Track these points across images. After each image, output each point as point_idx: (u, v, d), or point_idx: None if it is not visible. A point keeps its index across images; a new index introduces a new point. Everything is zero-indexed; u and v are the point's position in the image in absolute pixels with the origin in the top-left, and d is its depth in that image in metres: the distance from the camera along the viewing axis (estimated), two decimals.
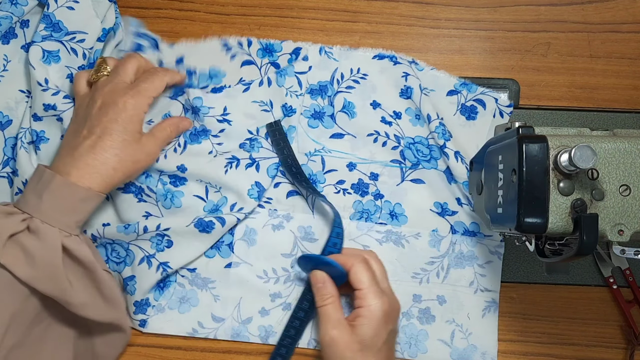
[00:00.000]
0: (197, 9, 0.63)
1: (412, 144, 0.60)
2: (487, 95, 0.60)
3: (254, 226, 0.61)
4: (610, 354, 0.61)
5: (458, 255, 0.60)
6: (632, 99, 0.61)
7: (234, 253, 0.60)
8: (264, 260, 0.60)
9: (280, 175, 0.61)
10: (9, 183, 0.61)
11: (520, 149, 0.43)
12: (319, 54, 0.61)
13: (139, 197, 0.59)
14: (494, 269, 0.60)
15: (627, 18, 0.62)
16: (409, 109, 0.60)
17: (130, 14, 0.63)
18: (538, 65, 0.62)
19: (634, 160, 0.44)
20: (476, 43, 0.62)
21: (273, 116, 0.61)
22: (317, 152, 0.61)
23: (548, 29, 0.62)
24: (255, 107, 0.61)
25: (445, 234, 0.61)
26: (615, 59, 0.62)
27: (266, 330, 0.60)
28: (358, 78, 0.60)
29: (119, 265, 0.60)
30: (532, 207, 0.43)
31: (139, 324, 0.60)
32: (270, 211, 0.61)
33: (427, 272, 0.60)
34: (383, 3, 0.62)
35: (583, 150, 0.40)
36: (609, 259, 0.60)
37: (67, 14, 0.58)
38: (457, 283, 0.60)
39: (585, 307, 0.61)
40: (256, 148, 0.60)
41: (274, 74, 0.61)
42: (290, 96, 0.60)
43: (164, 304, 0.60)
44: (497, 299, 0.60)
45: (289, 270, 0.60)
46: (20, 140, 0.59)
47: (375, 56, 0.61)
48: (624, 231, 0.43)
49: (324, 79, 0.61)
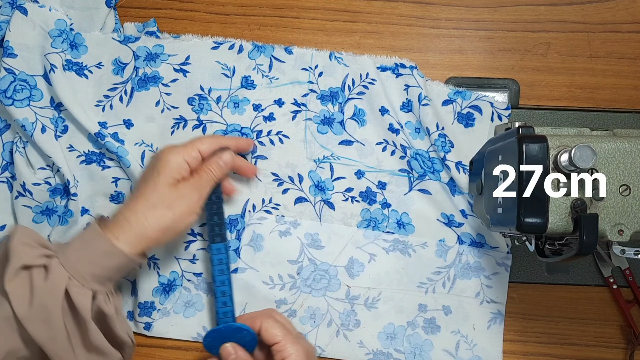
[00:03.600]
0: (197, 9, 0.63)
1: (418, 154, 0.60)
2: (482, 101, 0.59)
3: (261, 232, 0.60)
4: (610, 354, 0.61)
5: (464, 265, 0.60)
6: (632, 99, 0.61)
7: (240, 258, 0.60)
8: (270, 267, 0.60)
9: (288, 182, 0.61)
10: (9, 188, 0.61)
11: (520, 149, 0.43)
12: (329, 60, 0.61)
13: (102, 164, 0.60)
14: (501, 280, 0.60)
15: (627, 18, 0.62)
16: (409, 123, 0.60)
17: (130, 14, 0.63)
18: (538, 65, 0.62)
19: (633, 160, 0.44)
20: (476, 43, 0.62)
21: (231, 82, 0.60)
22: (325, 159, 0.61)
23: (548, 29, 0.62)
24: (217, 67, 0.60)
25: (452, 244, 0.60)
26: (615, 58, 0.62)
27: None
28: (367, 83, 0.60)
29: None
30: (532, 207, 0.43)
31: (143, 327, 0.60)
32: (278, 217, 0.61)
33: (433, 282, 0.60)
34: (383, 3, 0.62)
35: (583, 150, 0.40)
36: (609, 258, 0.60)
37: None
38: (463, 294, 0.60)
39: (585, 307, 0.61)
40: (205, 110, 0.60)
41: (250, 45, 0.61)
42: (257, 72, 0.60)
43: (169, 307, 0.60)
44: (503, 311, 0.60)
45: (295, 277, 0.60)
46: (15, 145, 0.59)
47: (379, 67, 0.60)
48: (623, 231, 0.43)
49: (334, 85, 0.61)
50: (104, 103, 0.60)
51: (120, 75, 0.60)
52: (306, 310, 0.60)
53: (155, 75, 0.60)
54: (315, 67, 0.60)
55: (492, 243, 0.60)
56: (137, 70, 0.60)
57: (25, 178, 0.59)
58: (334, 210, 0.60)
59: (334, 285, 0.60)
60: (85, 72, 0.60)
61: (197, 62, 0.60)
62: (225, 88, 0.60)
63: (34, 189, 0.59)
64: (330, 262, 0.60)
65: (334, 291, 0.60)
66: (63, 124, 0.60)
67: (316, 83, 0.61)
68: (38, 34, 0.58)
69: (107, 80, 0.60)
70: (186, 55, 0.60)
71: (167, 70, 0.60)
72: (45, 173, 0.60)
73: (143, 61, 0.60)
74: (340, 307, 0.60)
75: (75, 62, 0.60)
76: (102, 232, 0.50)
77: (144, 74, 0.60)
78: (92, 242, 0.50)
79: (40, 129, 0.58)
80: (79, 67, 0.60)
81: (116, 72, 0.60)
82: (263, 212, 0.61)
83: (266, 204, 0.61)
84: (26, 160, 0.59)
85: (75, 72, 0.60)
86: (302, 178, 0.61)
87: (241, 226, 0.60)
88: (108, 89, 0.60)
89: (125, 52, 0.60)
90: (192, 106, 0.60)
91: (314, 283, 0.60)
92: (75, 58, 0.60)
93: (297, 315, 0.60)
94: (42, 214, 0.60)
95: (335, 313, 0.60)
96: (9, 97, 0.57)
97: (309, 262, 0.60)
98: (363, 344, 0.60)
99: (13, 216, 0.61)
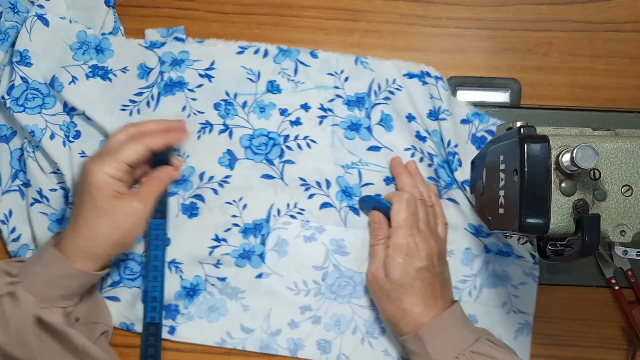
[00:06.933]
0: (196, 7, 0.62)
1: (446, 162, 0.59)
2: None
3: (286, 237, 0.60)
4: (612, 355, 0.60)
5: (491, 274, 0.59)
6: (634, 99, 0.61)
7: (265, 263, 0.60)
8: (295, 272, 0.60)
9: (315, 187, 0.60)
10: (21, 196, 0.60)
11: (522, 149, 0.43)
12: (355, 64, 0.60)
13: None
14: (529, 290, 0.59)
15: (629, 17, 0.61)
16: (435, 131, 0.59)
17: (129, 13, 0.62)
18: (539, 65, 0.62)
19: (636, 160, 0.44)
20: (477, 42, 0.62)
21: (256, 87, 0.60)
22: (354, 165, 0.60)
23: (549, 29, 0.62)
24: (242, 72, 0.60)
25: (479, 253, 0.60)
26: (617, 58, 0.61)
27: (295, 343, 0.59)
28: (394, 89, 0.59)
29: (135, 281, 0.60)
30: (534, 208, 0.43)
31: (168, 331, 0.60)
32: (303, 222, 0.60)
33: (460, 291, 0.60)
34: (384, 2, 0.62)
35: (585, 150, 0.40)
36: (611, 259, 0.60)
37: None
38: (490, 303, 0.59)
39: (586, 308, 0.61)
40: (231, 115, 0.60)
41: (275, 49, 0.60)
42: (283, 77, 0.60)
43: (193, 312, 0.60)
44: (531, 321, 0.59)
45: (320, 283, 0.60)
46: (25, 151, 0.59)
47: (406, 74, 0.59)
48: (626, 232, 0.43)
49: (361, 90, 0.60)
50: (131, 107, 0.60)
51: (145, 80, 0.60)
52: (331, 317, 0.60)
53: (181, 81, 0.60)
54: (341, 72, 0.60)
55: (518, 253, 0.59)
56: (162, 75, 0.59)
57: (42, 184, 0.58)
58: (359, 217, 0.60)
59: (359, 292, 0.60)
60: (110, 75, 0.60)
61: (222, 67, 0.60)
62: (250, 93, 0.60)
63: (50, 195, 0.59)
64: (355, 268, 0.60)
65: (359, 298, 0.60)
66: (75, 129, 0.59)
67: (342, 88, 0.60)
68: (59, 46, 0.59)
69: (132, 84, 0.60)
70: (211, 61, 0.60)
71: (192, 76, 0.60)
72: (58, 177, 0.60)
73: (168, 66, 0.60)
74: (365, 314, 0.60)
75: (101, 67, 0.60)
76: (61, 256, 0.51)
77: (169, 78, 0.59)
78: (52, 265, 0.51)
79: (49, 136, 0.58)
80: (104, 71, 0.60)
81: (141, 76, 0.60)
82: (288, 216, 0.60)
83: (291, 208, 0.60)
84: (38, 165, 0.59)
85: (100, 77, 0.60)
86: (330, 183, 0.60)
87: (266, 231, 0.60)
88: (134, 94, 0.60)
89: (151, 57, 0.60)
90: (218, 111, 0.60)
91: (339, 289, 0.60)
92: (101, 62, 0.60)
93: (322, 322, 0.59)
94: (57, 222, 0.60)
95: (360, 320, 0.60)
96: (20, 105, 0.57)
97: (334, 268, 0.60)
98: (388, 352, 0.59)
99: (28, 224, 0.60)
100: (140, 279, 0.59)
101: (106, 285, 0.60)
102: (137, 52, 0.60)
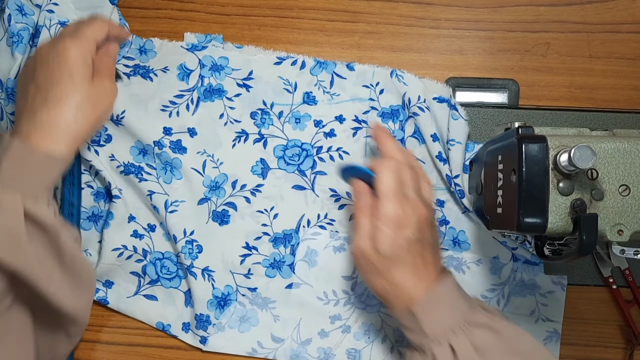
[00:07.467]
0: (197, 9, 0.63)
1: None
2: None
3: (315, 247, 0.60)
4: (610, 354, 0.61)
5: (519, 283, 0.60)
6: (631, 99, 0.61)
7: (295, 274, 0.60)
8: (325, 282, 0.60)
9: (346, 197, 0.60)
10: None
11: (520, 149, 0.43)
12: (390, 77, 0.60)
13: (139, 176, 0.59)
14: (557, 299, 0.59)
15: (627, 18, 0.62)
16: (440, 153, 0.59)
17: (130, 14, 0.62)
18: (537, 66, 0.62)
19: (633, 160, 0.44)
20: (476, 43, 0.62)
21: (293, 98, 0.60)
22: None
23: (547, 29, 0.62)
24: (279, 82, 0.60)
25: (507, 262, 0.60)
26: (614, 59, 0.62)
27: (325, 352, 0.60)
28: (424, 107, 0.58)
29: (173, 281, 0.60)
30: (532, 207, 0.43)
31: (199, 341, 0.60)
32: (332, 233, 0.60)
33: (488, 299, 0.60)
34: (383, 3, 0.62)
35: (582, 151, 0.40)
36: (609, 259, 0.60)
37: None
38: (518, 311, 0.60)
39: (584, 307, 0.61)
40: (267, 124, 0.60)
41: (312, 61, 0.60)
42: (319, 88, 0.60)
43: (224, 322, 0.60)
44: (560, 330, 0.59)
45: (350, 293, 0.60)
46: None
47: (435, 98, 0.58)
48: (623, 231, 0.43)
49: (395, 103, 0.60)
50: (171, 109, 0.60)
51: (186, 82, 0.60)
52: (360, 327, 0.60)
53: (220, 89, 0.60)
54: (376, 84, 0.60)
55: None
56: (203, 80, 0.60)
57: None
58: None
59: None
60: (151, 74, 0.60)
61: (260, 77, 0.60)
62: (287, 103, 0.60)
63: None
64: None
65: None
66: (106, 133, 0.59)
67: (377, 100, 0.60)
68: None
69: (172, 85, 0.60)
70: (249, 70, 0.60)
71: (231, 85, 0.60)
72: (84, 178, 0.60)
73: (208, 70, 0.60)
74: (394, 323, 0.60)
75: (143, 66, 0.60)
76: (34, 148, 0.49)
77: (209, 84, 0.60)
78: (24, 156, 0.49)
79: None
80: (145, 70, 0.60)
81: (181, 77, 0.60)
82: (317, 227, 0.60)
83: (321, 219, 0.60)
84: None
85: (142, 75, 0.60)
86: None
87: (295, 241, 0.60)
88: (174, 95, 0.60)
89: (191, 59, 0.60)
90: (255, 120, 0.60)
91: (368, 299, 0.60)
92: (143, 62, 0.60)
93: (352, 331, 0.60)
94: (88, 220, 0.60)
95: (389, 329, 0.60)
96: None
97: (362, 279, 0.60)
98: None
99: None
100: (177, 279, 0.60)
101: (144, 282, 0.60)
102: (178, 53, 0.60)
